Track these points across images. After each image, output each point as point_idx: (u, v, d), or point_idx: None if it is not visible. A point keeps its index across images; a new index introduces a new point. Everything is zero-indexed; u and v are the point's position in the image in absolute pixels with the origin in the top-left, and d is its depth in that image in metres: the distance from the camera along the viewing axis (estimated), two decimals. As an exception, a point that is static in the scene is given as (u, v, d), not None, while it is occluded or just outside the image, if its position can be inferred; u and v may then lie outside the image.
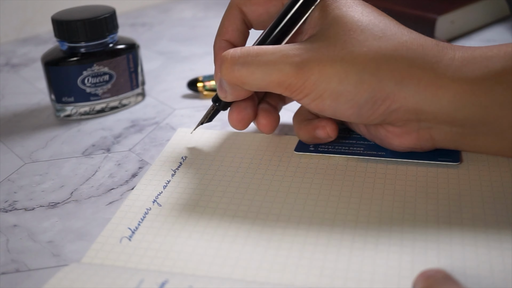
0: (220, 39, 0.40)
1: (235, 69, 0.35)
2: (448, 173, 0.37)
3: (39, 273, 0.31)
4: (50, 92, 0.48)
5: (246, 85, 0.36)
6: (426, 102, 0.34)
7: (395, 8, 0.61)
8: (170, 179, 0.38)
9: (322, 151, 0.39)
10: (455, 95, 0.33)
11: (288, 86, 0.35)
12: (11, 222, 0.36)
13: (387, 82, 0.34)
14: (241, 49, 0.36)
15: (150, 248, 0.32)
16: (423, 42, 0.35)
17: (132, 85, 0.50)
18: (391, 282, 0.28)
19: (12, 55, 0.66)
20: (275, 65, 0.34)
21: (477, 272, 0.29)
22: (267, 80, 0.35)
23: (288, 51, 0.35)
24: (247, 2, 0.39)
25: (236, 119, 0.39)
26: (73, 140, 0.46)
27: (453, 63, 0.34)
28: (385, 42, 0.34)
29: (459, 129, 0.35)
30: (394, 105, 0.34)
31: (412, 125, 0.35)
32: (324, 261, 0.30)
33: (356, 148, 0.40)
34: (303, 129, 0.39)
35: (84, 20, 0.46)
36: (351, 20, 0.35)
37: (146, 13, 0.78)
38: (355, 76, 0.34)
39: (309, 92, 0.35)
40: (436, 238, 0.31)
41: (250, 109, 0.39)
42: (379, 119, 0.35)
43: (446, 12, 0.58)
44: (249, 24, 0.40)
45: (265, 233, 0.33)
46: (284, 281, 0.29)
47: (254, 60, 0.35)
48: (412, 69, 0.34)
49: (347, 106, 0.35)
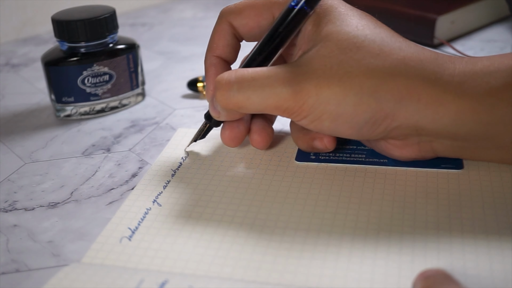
0: (210, 55, 0.40)
1: (231, 95, 0.35)
2: (448, 174, 0.36)
3: (39, 273, 0.31)
4: (50, 92, 0.48)
5: (243, 110, 0.35)
6: (427, 120, 0.33)
7: (395, 8, 0.61)
8: (170, 179, 0.38)
9: (324, 160, 0.39)
10: (456, 113, 0.33)
11: (285, 109, 0.34)
12: (11, 222, 0.36)
13: (387, 103, 0.33)
14: (235, 72, 0.35)
15: (150, 248, 0.32)
16: (422, 57, 0.34)
17: (132, 85, 0.50)
18: (391, 282, 0.28)
19: (12, 55, 0.66)
20: (272, 89, 0.34)
21: (477, 272, 0.29)
22: (264, 105, 0.34)
23: (284, 74, 0.34)
24: (237, 17, 0.38)
25: (228, 137, 0.39)
26: (73, 140, 0.46)
27: (454, 80, 0.33)
28: (383, 60, 0.33)
29: (460, 143, 0.35)
30: (394, 123, 0.34)
31: (413, 139, 0.35)
32: (324, 261, 0.30)
33: (358, 155, 0.39)
34: (301, 138, 0.38)
35: (84, 20, 0.46)
36: (346, 36, 0.34)
37: (146, 13, 0.78)
38: (354, 98, 0.33)
39: (307, 115, 0.34)
40: (436, 239, 0.31)
41: (242, 126, 0.39)
42: (379, 136, 0.35)
43: (446, 12, 0.58)
44: (240, 37, 0.40)
45: (265, 233, 0.33)
46: (284, 281, 0.29)
47: (250, 85, 0.34)
48: (412, 87, 0.33)
49: (347, 127, 0.34)
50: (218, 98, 0.35)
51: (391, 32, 0.35)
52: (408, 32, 0.60)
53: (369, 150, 0.39)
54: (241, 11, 0.38)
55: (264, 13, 0.38)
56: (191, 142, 0.42)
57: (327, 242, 0.31)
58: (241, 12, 0.38)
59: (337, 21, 0.35)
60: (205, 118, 0.40)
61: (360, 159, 0.39)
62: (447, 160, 0.37)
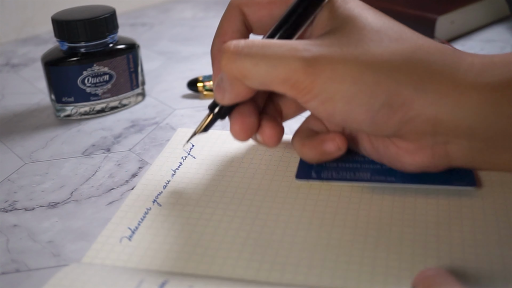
0: (219, 41, 0.37)
1: (237, 59, 0.32)
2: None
3: (39, 273, 0.31)
4: (50, 92, 0.49)
5: (248, 79, 0.32)
6: (446, 110, 0.31)
7: (395, 8, 0.61)
8: (170, 179, 0.38)
9: (326, 178, 0.36)
10: (478, 104, 0.31)
11: (294, 83, 0.31)
12: (11, 222, 0.36)
13: (405, 86, 0.31)
14: (245, 40, 0.33)
15: (150, 248, 0.32)
16: (440, 47, 0.33)
17: (132, 85, 0.50)
18: (391, 282, 0.28)
19: (12, 55, 0.66)
20: (282, 58, 0.31)
21: (477, 272, 0.29)
22: (272, 75, 0.32)
23: (297, 45, 0.32)
24: (248, 3, 0.37)
25: (240, 128, 0.35)
26: (73, 140, 0.46)
27: (473, 68, 0.32)
28: (402, 44, 0.32)
29: (478, 144, 0.32)
30: (411, 112, 0.31)
31: (426, 140, 0.33)
32: (324, 261, 0.30)
33: (362, 173, 0.36)
34: (308, 145, 0.36)
35: (84, 20, 0.46)
36: (365, 21, 0.33)
37: (146, 13, 0.78)
38: (371, 77, 0.31)
39: (318, 93, 0.31)
40: (436, 239, 0.31)
41: (254, 116, 0.36)
42: (393, 128, 0.32)
43: (446, 12, 0.58)
44: (250, 27, 0.38)
45: (265, 233, 0.33)
46: (284, 281, 0.29)
47: (259, 51, 0.32)
48: (431, 74, 0.31)
49: (361, 110, 0.32)
50: (223, 62, 0.33)
51: (406, 27, 0.35)
52: (408, 32, 0.60)
53: (374, 169, 0.36)
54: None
55: (277, 2, 0.36)
56: (192, 136, 0.38)
57: (327, 243, 0.31)
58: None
59: (355, 8, 0.34)
60: (209, 108, 0.37)
61: (365, 177, 0.36)
62: (459, 177, 0.35)
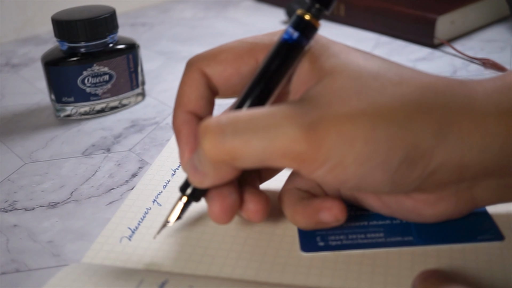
0: (181, 112, 0.31)
1: (223, 141, 0.26)
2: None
3: (39, 273, 0.31)
4: (50, 92, 0.49)
5: (239, 161, 0.27)
6: (473, 152, 0.27)
7: (395, 8, 0.61)
8: (170, 179, 0.38)
9: (336, 247, 0.31)
10: (505, 138, 0.27)
11: (297, 155, 0.26)
12: (11, 222, 0.36)
13: (424, 135, 0.27)
14: (225, 115, 0.27)
15: (150, 248, 0.32)
16: (447, 82, 0.28)
17: (132, 85, 0.50)
18: (391, 282, 0.28)
19: (12, 55, 0.66)
20: (278, 129, 0.26)
21: (477, 272, 0.29)
22: (269, 151, 0.26)
23: (290, 110, 0.27)
24: (210, 62, 0.31)
25: (220, 211, 0.29)
26: (73, 140, 0.46)
27: (490, 100, 0.28)
28: (406, 87, 0.27)
29: (507, 180, 0.29)
30: (434, 163, 0.27)
31: (450, 188, 0.29)
32: (324, 261, 0.30)
33: (375, 233, 0.31)
34: (301, 213, 0.31)
35: (84, 20, 0.46)
36: (358, 67, 0.28)
37: (146, 13, 0.78)
38: (385, 132, 0.26)
39: (325, 160, 0.26)
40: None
41: (235, 194, 0.30)
42: (414, 184, 0.28)
43: (446, 12, 0.58)
44: (215, 89, 0.32)
45: (265, 233, 0.33)
46: (284, 281, 0.29)
47: (248, 127, 0.27)
48: (449, 115, 0.27)
49: (378, 171, 0.27)
50: (206, 146, 0.27)
51: (400, 64, 0.30)
52: (408, 32, 0.60)
53: (388, 225, 0.32)
54: (215, 56, 0.31)
55: (245, 57, 0.31)
56: (163, 225, 0.32)
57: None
58: (216, 57, 0.31)
59: (340, 54, 0.29)
60: (181, 191, 0.31)
61: (380, 240, 0.31)
62: (483, 231, 0.31)
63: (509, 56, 0.55)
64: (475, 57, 0.55)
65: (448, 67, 0.54)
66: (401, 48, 0.59)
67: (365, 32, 0.64)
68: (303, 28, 0.29)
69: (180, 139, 0.31)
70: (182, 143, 0.31)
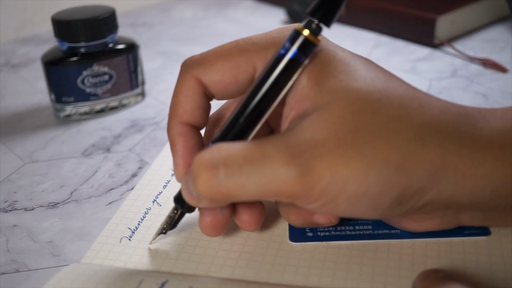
0: (176, 123, 0.31)
1: (217, 183, 0.27)
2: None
3: (39, 273, 0.31)
4: (50, 92, 0.48)
5: (234, 199, 0.28)
6: (464, 194, 0.27)
7: (395, 8, 0.61)
8: (170, 179, 0.38)
9: (325, 238, 0.32)
10: (499, 185, 0.27)
11: (290, 195, 0.27)
12: (11, 222, 0.36)
13: (417, 177, 0.27)
14: (218, 150, 0.27)
15: (150, 248, 0.32)
16: (451, 116, 0.28)
17: (132, 85, 0.50)
18: (391, 282, 0.28)
19: (12, 55, 0.66)
20: (272, 171, 0.26)
21: (477, 272, 0.29)
22: (263, 192, 0.27)
23: (284, 149, 0.27)
24: (207, 71, 0.30)
25: (210, 226, 0.30)
26: (73, 140, 0.46)
27: (493, 143, 0.27)
28: (407, 124, 0.27)
29: (493, 214, 0.30)
30: (424, 200, 0.27)
31: (437, 213, 0.30)
32: (324, 262, 0.30)
33: (363, 226, 0.32)
34: (294, 213, 0.31)
35: (84, 20, 0.46)
36: (357, 95, 0.27)
37: (146, 13, 0.78)
38: (378, 175, 0.26)
39: (317, 199, 0.27)
40: (436, 240, 0.31)
41: (226, 209, 0.30)
42: (402, 214, 0.29)
43: (446, 12, 0.58)
44: (210, 96, 0.31)
45: (265, 233, 0.33)
46: (284, 281, 0.29)
47: (242, 169, 0.26)
48: (446, 157, 0.27)
49: (368, 209, 0.27)
50: (199, 187, 0.27)
51: (405, 84, 0.29)
52: (408, 32, 0.60)
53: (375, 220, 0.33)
54: (211, 64, 0.30)
55: (242, 65, 0.30)
56: (157, 234, 0.32)
57: (327, 244, 0.31)
58: (212, 65, 0.30)
59: (340, 73, 0.28)
60: (175, 202, 0.31)
61: (367, 232, 0.32)
62: (470, 226, 0.32)
63: (509, 56, 0.55)
64: (475, 57, 0.55)
65: (448, 67, 0.54)
66: (401, 48, 0.59)
67: (365, 32, 0.64)
68: (301, 46, 0.28)
69: (174, 151, 0.31)
70: (177, 156, 0.31)
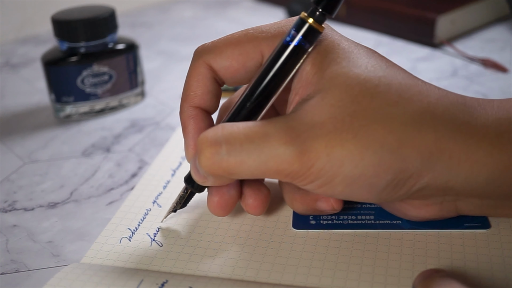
0: (188, 106, 0.32)
1: (219, 159, 0.28)
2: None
3: (39, 273, 0.31)
4: (50, 92, 0.48)
5: (235, 176, 0.29)
6: (459, 180, 0.28)
7: (395, 8, 0.61)
8: (170, 179, 0.38)
9: (327, 226, 0.33)
10: (494, 171, 0.28)
11: (289, 174, 0.28)
12: (11, 222, 0.36)
13: (412, 161, 0.28)
14: (222, 129, 0.29)
15: (150, 248, 0.32)
16: (448, 104, 0.29)
17: (131, 85, 0.50)
18: (391, 282, 0.28)
19: (11, 55, 0.66)
20: (271, 150, 0.28)
21: (477, 272, 0.29)
22: (262, 169, 0.28)
23: (285, 130, 0.28)
24: (217, 58, 0.32)
25: (217, 205, 0.32)
26: (73, 140, 0.46)
27: (489, 131, 0.28)
28: (404, 108, 0.28)
29: (492, 202, 0.30)
30: (419, 184, 0.28)
31: (435, 199, 0.30)
32: (324, 262, 0.30)
33: (365, 215, 0.33)
34: (299, 200, 0.32)
35: (84, 20, 0.46)
36: (357, 80, 0.28)
37: (146, 13, 0.78)
38: (373, 157, 0.27)
39: (315, 179, 0.28)
40: (437, 239, 0.31)
41: (233, 190, 0.32)
42: (399, 198, 0.30)
43: (446, 12, 0.58)
44: (221, 82, 0.33)
45: (265, 233, 0.33)
46: (284, 281, 0.29)
47: (243, 146, 0.28)
48: (441, 142, 0.28)
49: (364, 191, 0.28)
50: (202, 163, 0.29)
51: (406, 72, 0.30)
52: (408, 32, 0.60)
53: (378, 209, 0.34)
54: (221, 50, 0.32)
55: (251, 52, 0.31)
56: (169, 212, 0.34)
57: (327, 244, 0.31)
58: (222, 52, 0.32)
59: (342, 60, 0.29)
60: (186, 182, 0.33)
61: (369, 221, 0.33)
62: (470, 219, 0.32)
63: (509, 56, 0.55)
64: (475, 57, 0.55)
65: (448, 66, 0.54)
66: (401, 48, 0.59)
67: (365, 32, 0.64)
68: (306, 33, 0.29)
69: (186, 133, 0.32)
70: (187, 138, 0.32)
